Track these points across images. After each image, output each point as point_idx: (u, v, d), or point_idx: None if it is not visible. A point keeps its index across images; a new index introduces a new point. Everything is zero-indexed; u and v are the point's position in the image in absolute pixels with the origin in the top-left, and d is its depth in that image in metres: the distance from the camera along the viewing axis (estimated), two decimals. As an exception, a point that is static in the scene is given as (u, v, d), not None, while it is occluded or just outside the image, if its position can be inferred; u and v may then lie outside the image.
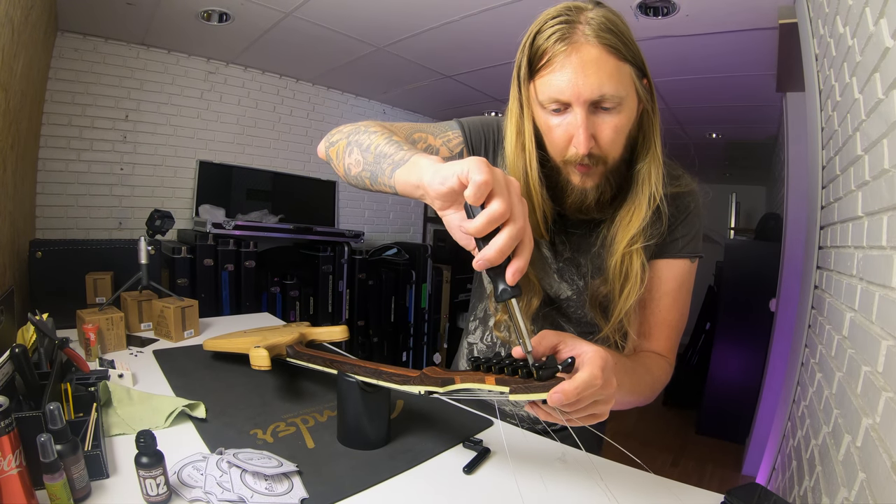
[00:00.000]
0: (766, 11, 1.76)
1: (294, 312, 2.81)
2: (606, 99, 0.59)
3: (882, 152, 0.74)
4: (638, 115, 0.66)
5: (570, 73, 0.59)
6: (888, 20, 0.72)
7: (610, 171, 0.66)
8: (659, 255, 0.75)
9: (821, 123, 1.35)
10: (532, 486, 0.66)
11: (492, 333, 0.89)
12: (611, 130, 0.62)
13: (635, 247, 0.67)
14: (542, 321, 0.83)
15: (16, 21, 1.24)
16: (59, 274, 1.55)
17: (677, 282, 0.75)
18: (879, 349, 0.69)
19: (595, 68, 0.58)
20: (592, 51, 0.58)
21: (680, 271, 0.75)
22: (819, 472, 0.96)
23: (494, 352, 0.90)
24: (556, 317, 0.82)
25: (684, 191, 0.75)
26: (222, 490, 0.58)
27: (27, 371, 0.70)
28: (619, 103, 0.61)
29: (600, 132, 0.62)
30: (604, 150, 0.63)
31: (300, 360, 0.91)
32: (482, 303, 0.91)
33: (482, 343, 0.91)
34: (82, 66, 2.33)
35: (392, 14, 2.07)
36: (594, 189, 0.66)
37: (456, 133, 0.77)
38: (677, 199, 0.74)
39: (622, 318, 0.71)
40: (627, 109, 0.62)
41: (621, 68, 0.60)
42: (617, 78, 0.59)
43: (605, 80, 0.58)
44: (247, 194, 2.98)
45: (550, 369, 0.52)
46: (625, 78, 0.60)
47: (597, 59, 0.58)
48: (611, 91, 0.59)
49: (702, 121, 3.44)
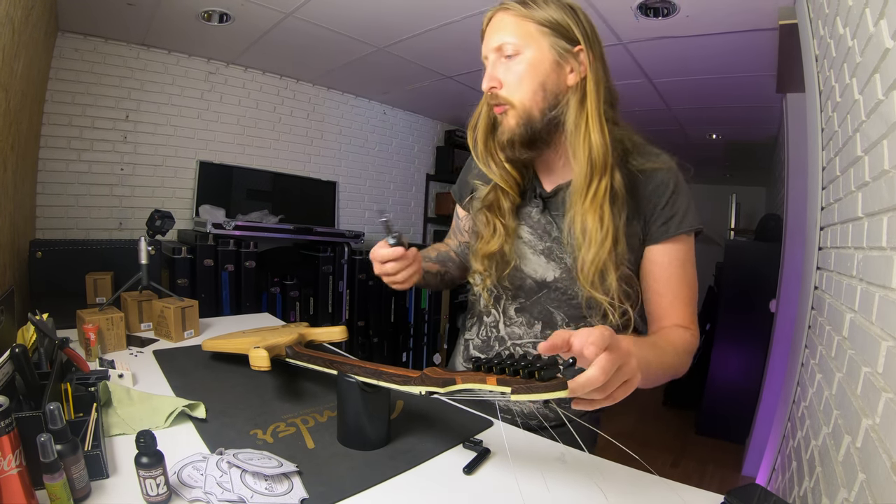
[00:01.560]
0: (766, 12, 1.76)
1: (294, 313, 2.81)
2: (505, 46, 0.73)
3: (882, 153, 0.74)
4: (570, 75, 0.74)
5: (487, 34, 0.76)
6: (888, 21, 0.72)
7: (523, 117, 0.74)
8: (655, 240, 0.77)
9: (821, 124, 1.35)
10: (532, 486, 0.65)
11: (487, 328, 0.91)
12: (512, 75, 0.73)
13: (586, 203, 0.72)
14: (531, 310, 0.84)
15: (16, 21, 1.24)
16: (59, 274, 1.55)
17: (679, 261, 0.77)
18: (879, 350, 0.69)
19: (499, 26, 0.74)
20: (501, 15, 0.74)
21: (679, 251, 0.77)
22: (819, 473, 0.96)
23: (489, 346, 0.90)
24: (546, 303, 0.83)
25: (662, 167, 0.78)
26: (222, 490, 0.58)
27: (27, 371, 0.70)
28: (517, 52, 0.72)
29: (503, 76, 0.74)
30: (507, 90, 0.74)
31: (300, 360, 0.91)
32: (476, 302, 0.94)
33: (478, 338, 0.93)
34: (83, 67, 2.33)
35: (392, 14, 2.07)
36: (508, 131, 0.75)
37: (457, 205, 0.99)
38: (654, 176, 0.78)
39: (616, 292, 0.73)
40: (528, 56, 0.72)
41: (522, 25, 0.72)
42: (514, 31, 0.72)
43: (503, 32, 0.73)
44: (247, 194, 2.98)
45: (552, 369, 0.52)
46: (525, 33, 0.72)
47: (502, 19, 0.74)
48: (508, 39, 0.72)
49: (702, 121, 3.44)
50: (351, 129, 3.52)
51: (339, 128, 3.45)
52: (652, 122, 3.58)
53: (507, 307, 0.86)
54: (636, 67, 2.50)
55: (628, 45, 2.23)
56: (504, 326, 0.87)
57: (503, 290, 0.86)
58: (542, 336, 0.83)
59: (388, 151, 3.81)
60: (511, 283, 0.84)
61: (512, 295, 0.85)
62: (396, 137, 3.85)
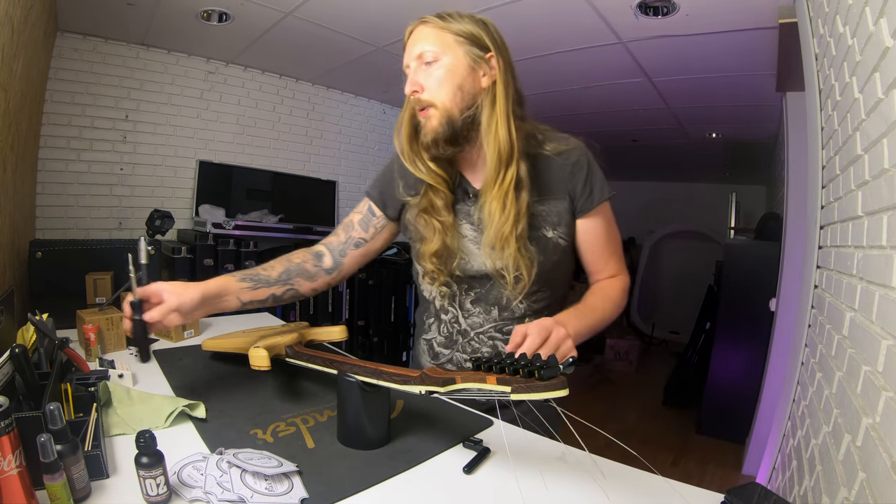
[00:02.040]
0: (766, 11, 1.76)
1: (294, 312, 2.81)
2: (425, 53, 0.80)
3: (882, 152, 0.74)
4: (483, 78, 0.82)
5: (409, 44, 0.84)
6: (888, 20, 0.72)
7: (443, 116, 0.81)
8: (584, 212, 0.88)
9: (821, 123, 1.35)
10: (532, 485, 0.65)
11: (447, 325, 0.95)
12: (432, 79, 0.80)
13: (493, 191, 0.81)
14: (486, 298, 0.91)
15: (15, 21, 1.24)
16: (59, 274, 1.55)
17: (605, 225, 0.91)
18: (879, 349, 0.69)
19: (420, 37, 0.82)
20: (421, 28, 0.83)
21: (604, 216, 0.91)
22: (819, 472, 0.96)
23: (453, 340, 0.95)
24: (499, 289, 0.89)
25: (573, 147, 0.89)
26: (222, 490, 0.58)
27: (27, 371, 0.70)
28: (436, 58, 0.80)
29: (424, 80, 0.81)
30: (428, 93, 0.81)
31: (299, 360, 0.91)
32: (431, 303, 0.98)
33: (440, 336, 0.97)
34: (82, 66, 2.33)
35: (392, 14, 2.07)
36: (431, 131, 0.81)
37: (364, 201, 1.01)
38: (569, 156, 0.88)
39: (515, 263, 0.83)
40: (446, 62, 0.80)
41: (441, 35, 0.80)
42: (433, 40, 0.80)
43: (423, 41, 0.81)
44: (247, 194, 2.98)
45: (552, 369, 0.52)
46: (443, 42, 0.80)
47: (421, 31, 0.82)
48: (427, 47, 0.80)
49: (702, 121, 3.44)
50: (351, 129, 3.52)
51: (338, 127, 3.45)
52: (651, 121, 3.58)
53: (462, 302, 0.93)
54: (636, 66, 2.50)
55: (628, 44, 2.23)
56: (463, 319, 0.93)
57: (458, 286, 0.92)
58: (501, 319, 0.91)
59: (387, 151, 3.81)
60: (463, 278, 0.91)
61: (465, 289, 0.92)
62: (396, 137, 3.85)
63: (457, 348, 0.94)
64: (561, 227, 0.88)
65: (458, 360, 0.95)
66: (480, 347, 0.93)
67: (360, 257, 1.00)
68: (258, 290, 0.89)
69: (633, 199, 6.77)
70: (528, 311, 0.91)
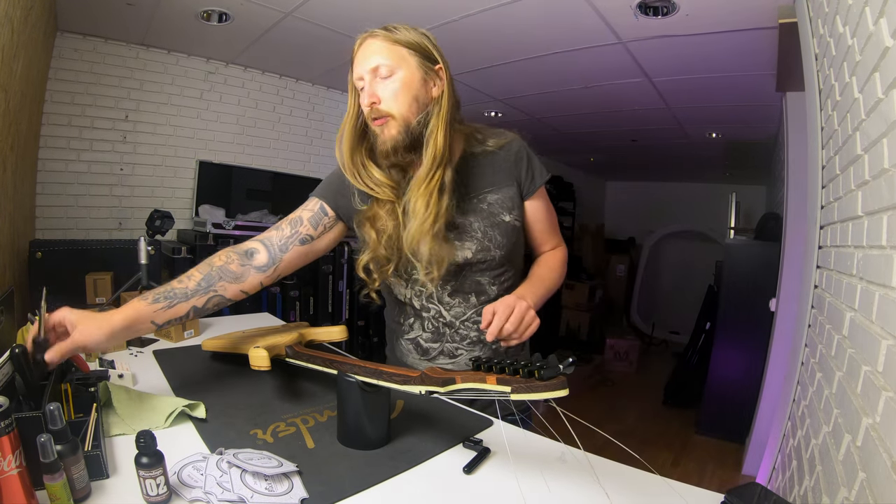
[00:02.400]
0: (766, 11, 1.76)
1: (294, 312, 2.81)
2: (380, 67, 0.84)
3: (882, 152, 0.74)
4: (433, 89, 0.87)
5: (359, 58, 0.86)
6: (888, 20, 0.72)
7: (401, 125, 0.85)
8: (529, 195, 0.98)
9: (821, 123, 1.35)
10: (532, 485, 0.65)
11: (430, 321, 0.98)
12: (388, 91, 0.84)
13: (421, 189, 0.86)
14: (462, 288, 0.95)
15: (15, 21, 1.24)
16: (59, 274, 1.55)
17: (545, 204, 1.01)
18: (879, 349, 0.69)
19: (372, 50, 0.85)
20: (371, 41, 0.86)
21: (542, 198, 1.01)
22: (819, 472, 0.96)
23: (440, 333, 0.98)
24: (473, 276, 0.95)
25: (511, 139, 0.98)
26: (222, 490, 0.58)
27: (27, 371, 0.70)
28: (391, 72, 0.84)
29: (382, 93, 0.84)
30: (386, 104, 0.84)
31: (299, 360, 0.91)
32: (407, 305, 1.00)
33: (426, 332, 0.99)
34: (82, 67, 2.33)
35: (392, 14, 2.06)
36: (390, 140, 0.86)
37: (313, 200, 0.99)
38: (509, 147, 0.97)
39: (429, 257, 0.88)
40: (402, 75, 0.84)
41: (394, 49, 0.84)
42: (387, 54, 0.84)
43: (377, 55, 0.84)
44: (247, 194, 2.98)
45: (552, 369, 0.52)
46: (397, 55, 0.84)
47: (372, 44, 0.85)
48: (382, 61, 0.84)
49: (702, 121, 3.44)
50: (351, 129, 3.52)
51: (338, 127, 3.45)
52: (652, 121, 3.58)
53: (441, 297, 0.96)
54: (636, 66, 2.49)
55: (628, 45, 2.23)
56: (446, 312, 0.97)
57: (431, 283, 0.94)
58: (480, 303, 0.95)
59: (387, 151, 3.80)
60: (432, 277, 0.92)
61: (441, 285, 0.95)
62: (396, 137, 3.85)
63: (445, 340, 0.98)
64: (515, 210, 0.95)
65: (449, 350, 0.98)
66: (468, 333, 0.97)
67: (301, 256, 0.96)
68: (175, 306, 0.83)
69: (633, 199, 6.78)
70: (500, 290, 0.97)
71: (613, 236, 6.62)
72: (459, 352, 0.98)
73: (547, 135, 4.20)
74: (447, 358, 0.99)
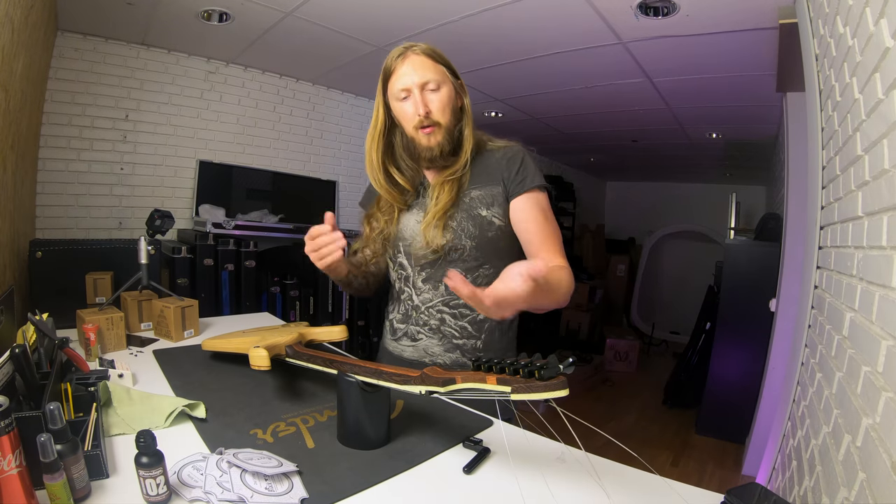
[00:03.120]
0: (766, 11, 1.76)
1: (294, 312, 2.81)
2: (430, 82, 0.95)
3: (882, 152, 0.74)
4: (459, 101, 1.00)
5: (406, 71, 0.95)
6: (888, 20, 0.72)
7: (445, 133, 0.97)
8: (515, 194, 1.00)
9: (821, 123, 1.35)
10: (532, 485, 0.66)
11: (403, 304, 1.07)
12: (438, 102, 0.96)
13: (448, 177, 0.99)
14: (435, 276, 1.02)
15: (16, 21, 1.24)
16: (59, 274, 1.55)
17: (539, 207, 1.00)
18: (879, 349, 0.69)
19: (419, 65, 0.95)
20: (416, 58, 0.96)
21: (536, 200, 1.00)
22: (819, 472, 0.96)
23: (408, 316, 1.06)
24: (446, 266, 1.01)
25: (512, 145, 1.05)
26: (222, 490, 0.58)
27: (27, 371, 0.70)
28: (438, 86, 0.96)
29: (431, 104, 0.96)
30: (436, 114, 0.96)
31: (300, 360, 0.91)
32: (392, 287, 1.11)
33: (398, 313, 1.10)
34: (82, 66, 2.33)
35: (392, 14, 2.07)
36: (438, 146, 0.97)
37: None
38: (507, 150, 1.03)
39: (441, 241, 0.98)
40: (446, 90, 0.97)
41: (436, 67, 0.96)
42: (433, 70, 0.95)
43: (427, 71, 0.95)
44: (247, 194, 2.97)
45: (552, 369, 0.52)
46: (440, 72, 0.96)
47: (420, 61, 0.95)
48: (431, 76, 0.95)
49: (702, 121, 3.44)
50: (351, 129, 3.52)
51: (338, 127, 3.45)
52: (652, 122, 3.58)
53: (415, 281, 1.05)
54: (636, 67, 2.50)
55: (628, 45, 2.23)
56: (416, 297, 1.05)
57: (412, 269, 1.04)
58: (448, 293, 1.01)
59: (387, 151, 3.80)
60: (416, 261, 1.03)
61: (418, 270, 1.04)
62: (396, 137, 3.85)
63: (410, 322, 1.07)
64: (494, 207, 1.00)
65: (412, 333, 1.06)
66: (429, 320, 1.04)
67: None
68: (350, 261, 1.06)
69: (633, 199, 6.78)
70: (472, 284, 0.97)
71: (613, 236, 6.62)
72: (420, 336, 1.06)
73: (547, 135, 4.20)
74: (410, 340, 1.07)
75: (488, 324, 1.03)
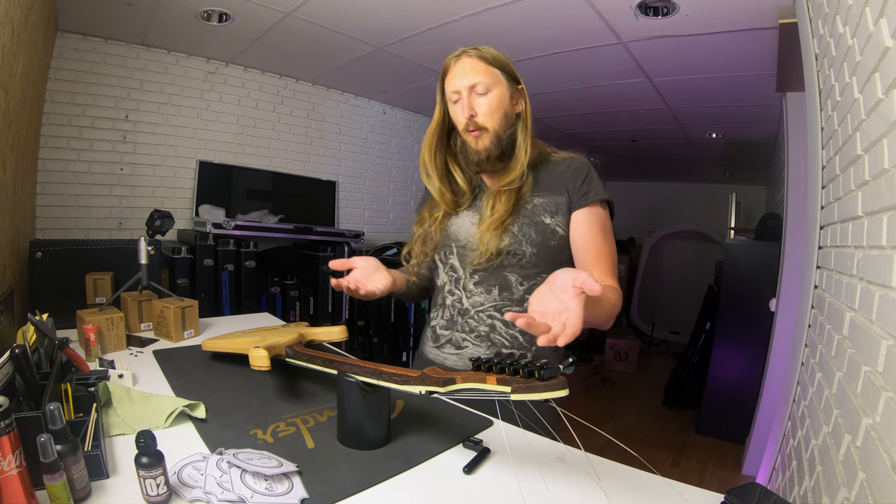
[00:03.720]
0: (766, 11, 1.76)
1: (294, 312, 2.81)
2: (478, 84, 0.93)
3: (882, 152, 0.74)
4: (516, 107, 0.98)
5: (457, 73, 0.95)
6: (888, 20, 0.72)
7: (493, 138, 0.95)
8: (578, 206, 0.98)
9: (821, 123, 1.35)
10: (532, 485, 0.65)
11: (448, 309, 1.05)
12: (485, 105, 0.94)
13: (505, 188, 0.97)
14: (488, 280, 1.00)
15: (16, 21, 1.24)
16: (59, 274, 1.55)
17: (599, 223, 0.99)
18: (879, 349, 0.69)
19: (470, 68, 0.94)
20: (468, 60, 0.95)
21: (598, 215, 0.99)
22: (819, 472, 0.96)
23: (453, 321, 1.03)
24: (501, 270, 1.00)
25: (577, 157, 1.04)
26: (222, 490, 0.58)
27: (27, 371, 0.70)
28: (487, 89, 0.94)
29: (478, 107, 0.94)
30: (482, 118, 0.94)
31: (300, 360, 0.91)
32: (440, 294, 1.08)
33: (442, 319, 1.06)
34: (82, 66, 2.33)
35: (392, 14, 2.07)
36: (484, 150, 0.96)
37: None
38: (573, 162, 1.02)
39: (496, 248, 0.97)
40: (496, 94, 0.95)
41: (488, 69, 0.94)
42: (484, 73, 0.94)
43: (476, 74, 0.93)
44: (247, 194, 2.97)
45: (552, 369, 0.52)
46: (491, 74, 0.94)
47: (472, 64, 0.94)
48: (480, 79, 0.93)
49: (702, 121, 3.44)
50: (351, 129, 3.52)
51: (338, 127, 3.45)
52: (652, 122, 3.58)
53: (466, 284, 1.02)
54: (636, 66, 2.49)
55: (628, 45, 2.23)
56: (466, 299, 1.02)
57: (463, 270, 1.02)
58: (500, 299, 0.99)
59: (387, 151, 3.81)
60: (468, 263, 1.01)
61: (470, 273, 1.01)
62: (396, 137, 3.85)
63: (456, 328, 1.03)
64: (558, 216, 0.98)
65: (457, 340, 1.02)
66: (478, 326, 1.00)
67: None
68: (406, 273, 1.09)
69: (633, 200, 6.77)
70: (528, 293, 0.98)
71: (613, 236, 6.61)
72: (465, 343, 1.01)
73: (547, 135, 4.20)
74: (454, 348, 1.03)
75: None
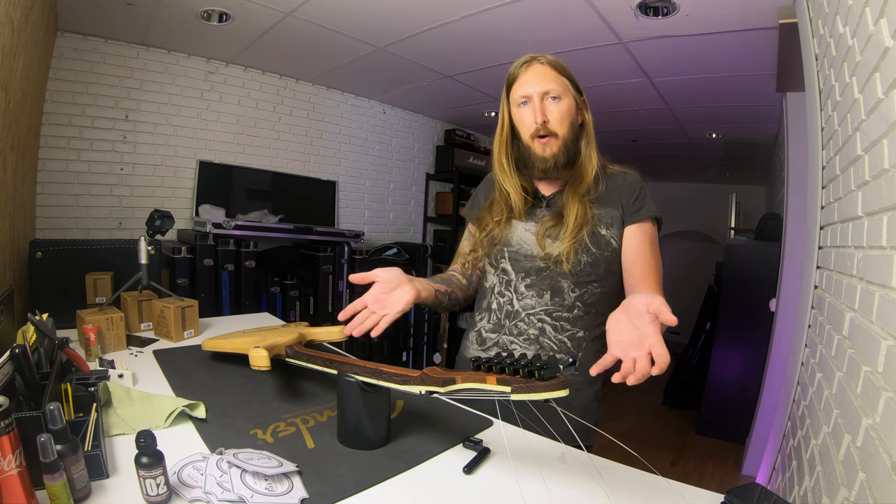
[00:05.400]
0: (766, 11, 1.76)
1: (294, 312, 2.81)
2: (550, 91, 0.96)
3: (882, 152, 0.74)
4: (579, 117, 1.01)
5: (529, 79, 0.97)
6: (888, 20, 0.72)
7: (562, 145, 0.97)
8: (632, 221, 1.00)
9: (821, 123, 1.35)
10: (532, 485, 0.65)
11: (495, 313, 1.05)
12: (557, 112, 0.96)
13: (586, 198, 0.99)
14: (540, 284, 1.01)
15: (16, 21, 1.24)
16: (59, 274, 1.55)
17: (649, 240, 1.01)
18: (879, 349, 0.69)
19: (542, 74, 0.96)
20: (540, 67, 0.97)
21: (649, 231, 1.02)
22: (819, 472, 0.96)
23: (500, 324, 1.04)
24: (554, 275, 1.01)
25: (632, 172, 1.06)
26: (222, 490, 0.58)
27: (27, 371, 0.70)
28: (559, 96, 0.96)
29: (549, 113, 0.96)
30: (553, 125, 0.96)
31: (300, 360, 0.91)
32: (486, 298, 1.09)
33: (489, 323, 1.07)
34: (82, 66, 2.33)
35: (392, 14, 2.07)
36: (552, 157, 0.98)
37: (467, 226, 1.18)
38: (627, 177, 1.04)
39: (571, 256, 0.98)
40: (566, 102, 0.97)
41: (559, 78, 0.97)
42: (556, 81, 0.96)
43: (549, 81, 0.96)
44: (247, 194, 2.97)
45: (552, 369, 0.52)
46: (562, 83, 0.97)
47: (544, 71, 0.97)
48: (553, 87, 0.96)
49: (702, 121, 3.44)
50: (351, 129, 3.52)
51: (338, 127, 3.45)
52: (652, 122, 3.58)
53: (518, 286, 1.03)
54: (636, 66, 2.49)
55: (628, 45, 2.23)
56: (517, 301, 1.02)
57: (515, 273, 1.03)
58: (552, 303, 1.00)
59: (387, 151, 3.81)
60: (521, 266, 1.03)
61: (522, 276, 1.03)
62: (396, 137, 3.85)
63: (503, 332, 1.04)
64: (613, 228, 1.00)
65: (504, 343, 1.03)
66: (528, 329, 1.01)
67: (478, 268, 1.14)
68: (437, 284, 1.03)
69: (633, 200, 6.75)
70: (579, 300, 1.00)
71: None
72: (513, 346, 1.02)
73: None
74: (501, 350, 1.01)
75: (586, 343, 1.01)
